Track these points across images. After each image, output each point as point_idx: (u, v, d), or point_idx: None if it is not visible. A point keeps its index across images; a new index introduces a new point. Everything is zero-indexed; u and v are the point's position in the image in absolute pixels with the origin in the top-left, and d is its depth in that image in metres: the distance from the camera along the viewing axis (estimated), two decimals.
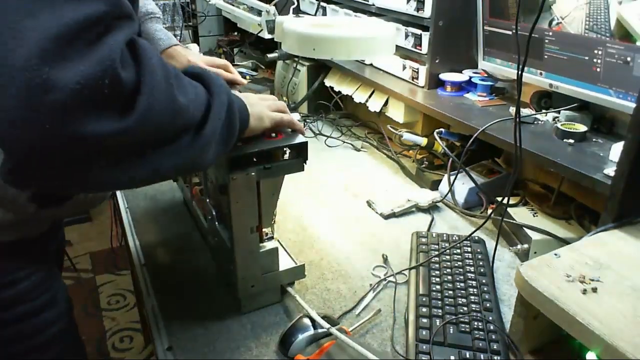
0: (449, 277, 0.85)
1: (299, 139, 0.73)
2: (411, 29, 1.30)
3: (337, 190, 1.22)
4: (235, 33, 2.32)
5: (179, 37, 2.35)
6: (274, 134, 0.73)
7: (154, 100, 0.48)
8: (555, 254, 0.70)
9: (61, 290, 0.86)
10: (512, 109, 1.17)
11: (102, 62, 0.43)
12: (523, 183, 1.13)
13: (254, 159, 0.70)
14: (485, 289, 0.83)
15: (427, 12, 1.23)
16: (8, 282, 0.75)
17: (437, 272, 0.86)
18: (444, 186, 1.18)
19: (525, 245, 0.94)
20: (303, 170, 0.74)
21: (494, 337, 0.73)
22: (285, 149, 0.72)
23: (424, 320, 0.76)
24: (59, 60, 0.42)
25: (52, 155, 0.45)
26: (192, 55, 0.97)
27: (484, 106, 1.22)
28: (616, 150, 0.89)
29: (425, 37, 1.26)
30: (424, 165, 1.28)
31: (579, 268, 0.67)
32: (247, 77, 1.97)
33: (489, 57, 1.23)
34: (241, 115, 0.66)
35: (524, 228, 0.95)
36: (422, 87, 1.33)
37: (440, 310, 0.78)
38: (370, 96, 1.46)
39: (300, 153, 0.73)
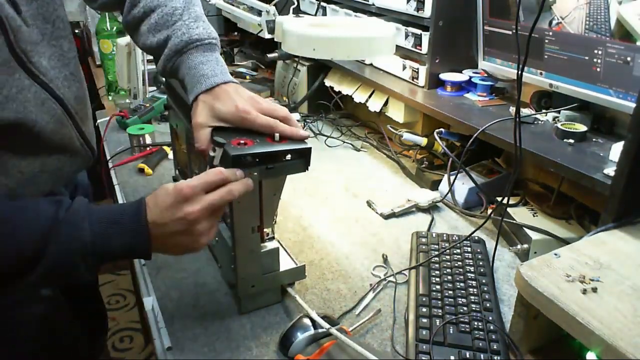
0: (449, 277, 0.85)
1: (303, 144, 0.72)
2: (411, 29, 1.29)
3: (337, 190, 1.22)
4: (235, 33, 2.32)
5: None
6: (276, 138, 0.72)
7: None
8: (555, 254, 0.70)
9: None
10: (512, 109, 1.17)
11: None
12: (523, 183, 1.13)
13: (257, 160, 0.69)
14: (485, 289, 0.83)
15: (427, 12, 1.23)
16: None
17: (437, 272, 0.87)
18: (444, 186, 1.18)
19: (525, 245, 0.94)
20: (305, 170, 0.74)
21: (494, 337, 0.73)
22: (287, 154, 0.71)
23: (424, 320, 0.76)
24: None
25: None
26: (243, 99, 0.74)
27: (484, 106, 1.22)
28: (616, 150, 0.89)
29: (425, 37, 1.26)
30: (424, 165, 1.29)
31: (579, 268, 0.67)
32: (247, 77, 1.97)
33: (489, 57, 1.23)
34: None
35: (524, 228, 0.95)
36: (422, 87, 1.33)
37: (440, 310, 0.78)
38: (370, 96, 1.46)
39: (304, 158, 0.72)
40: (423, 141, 1.27)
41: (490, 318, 0.76)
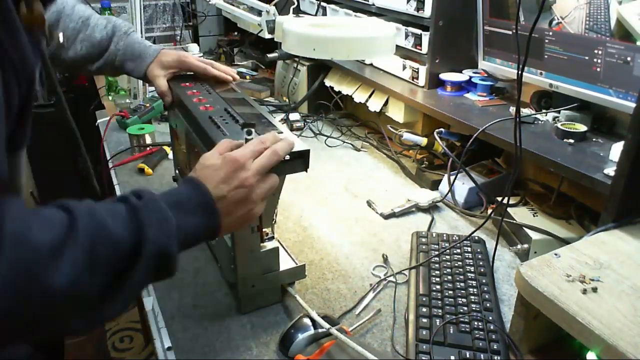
0: (449, 277, 0.85)
1: (301, 146, 0.73)
2: (411, 29, 1.30)
3: (337, 190, 1.22)
4: (235, 33, 2.32)
5: (178, 37, 2.36)
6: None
7: None
8: (555, 254, 0.70)
9: None
10: (512, 109, 1.17)
11: None
12: (523, 183, 1.13)
13: None
14: (485, 289, 0.83)
15: (427, 12, 1.23)
16: None
17: (437, 272, 0.86)
18: (444, 186, 1.18)
19: (525, 245, 0.94)
20: (306, 170, 0.74)
21: (494, 337, 0.73)
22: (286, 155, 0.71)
23: (424, 320, 0.76)
24: None
25: None
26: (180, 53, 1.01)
27: (484, 106, 1.22)
28: (616, 150, 0.89)
29: (425, 37, 1.26)
30: (424, 165, 1.28)
31: (579, 268, 0.67)
32: (247, 77, 1.97)
33: (489, 57, 1.23)
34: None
35: (524, 228, 0.95)
36: (422, 87, 1.33)
37: (440, 310, 0.78)
38: (370, 96, 1.46)
39: (302, 159, 0.73)
40: (423, 141, 1.27)
41: (490, 318, 0.76)
